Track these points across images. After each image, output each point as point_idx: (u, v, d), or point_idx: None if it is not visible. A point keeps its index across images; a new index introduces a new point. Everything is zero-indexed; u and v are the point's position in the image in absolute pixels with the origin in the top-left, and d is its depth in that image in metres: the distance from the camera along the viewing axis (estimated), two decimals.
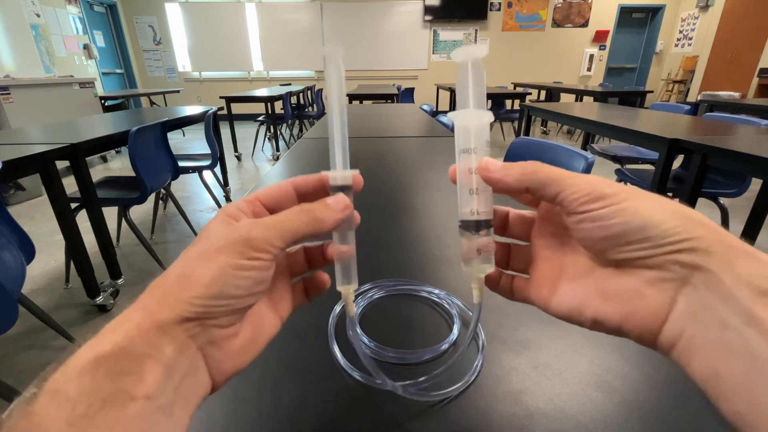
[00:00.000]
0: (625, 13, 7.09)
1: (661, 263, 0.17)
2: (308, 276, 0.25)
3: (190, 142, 5.41)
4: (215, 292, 0.17)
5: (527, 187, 0.21)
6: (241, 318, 0.20)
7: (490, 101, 4.58)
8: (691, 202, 1.47)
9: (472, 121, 0.22)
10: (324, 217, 0.21)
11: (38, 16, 4.76)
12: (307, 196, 0.23)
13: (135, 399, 0.14)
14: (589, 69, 7.32)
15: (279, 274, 0.23)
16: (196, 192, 3.18)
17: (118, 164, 4.27)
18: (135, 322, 0.16)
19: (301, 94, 5.35)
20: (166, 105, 6.66)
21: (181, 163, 2.33)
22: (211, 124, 2.46)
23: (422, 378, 0.31)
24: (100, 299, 1.61)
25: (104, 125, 2.00)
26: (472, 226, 0.23)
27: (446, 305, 0.42)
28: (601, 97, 4.40)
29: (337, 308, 0.41)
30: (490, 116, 0.22)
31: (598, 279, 0.20)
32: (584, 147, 2.96)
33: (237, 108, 4.22)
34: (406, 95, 5.28)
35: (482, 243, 0.23)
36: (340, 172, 0.22)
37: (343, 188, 0.22)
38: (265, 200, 0.22)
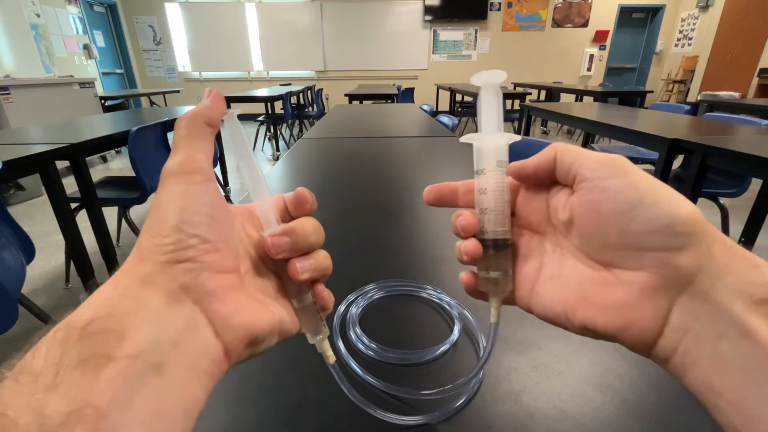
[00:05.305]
0: (625, 13, 7.09)
1: (657, 262, 0.16)
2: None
3: None
4: (178, 219, 0.17)
5: (555, 159, 0.20)
6: (234, 265, 0.19)
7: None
8: (691, 202, 1.47)
9: (486, 143, 0.22)
10: None
11: (38, 16, 4.76)
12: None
13: (114, 359, 0.13)
14: (589, 69, 7.32)
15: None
16: None
17: (118, 164, 4.27)
18: (112, 284, 0.15)
19: (301, 94, 5.35)
20: (166, 105, 6.65)
21: None
22: None
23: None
24: None
25: (104, 125, 2.00)
26: (487, 245, 0.23)
27: (446, 306, 0.42)
28: (601, 97, 4.39)
29: (341, 308, 0.41)
30: (507, 138, 0.22)
31: (587, 285, 0.19)
32: (584, 147, 2.96)
33: (237, 108, 4.19)
34: (406, 95, 5.28)
35: (494, 261, 0.23)
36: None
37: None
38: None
